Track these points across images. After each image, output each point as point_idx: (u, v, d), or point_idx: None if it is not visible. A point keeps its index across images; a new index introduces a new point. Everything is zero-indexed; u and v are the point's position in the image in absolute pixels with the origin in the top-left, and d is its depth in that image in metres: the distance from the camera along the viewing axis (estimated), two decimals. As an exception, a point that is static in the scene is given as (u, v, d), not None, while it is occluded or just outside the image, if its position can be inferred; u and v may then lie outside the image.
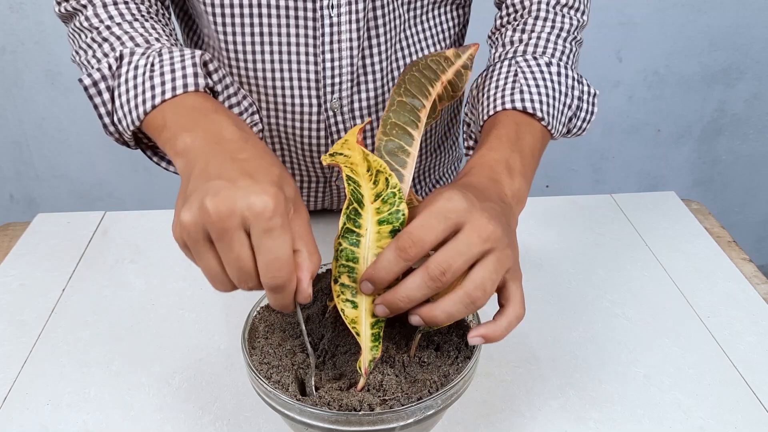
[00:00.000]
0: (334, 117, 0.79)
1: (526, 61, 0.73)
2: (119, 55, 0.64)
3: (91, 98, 0.64)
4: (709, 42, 1.89)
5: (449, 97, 0.64)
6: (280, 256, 0.48)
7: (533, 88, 0.69)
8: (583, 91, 0.75)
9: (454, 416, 0.64)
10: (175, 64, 0.61)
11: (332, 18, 0.73)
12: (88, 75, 0.63)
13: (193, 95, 0.60)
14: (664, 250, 0.88)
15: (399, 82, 0.61)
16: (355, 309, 0.52)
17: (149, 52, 0.63)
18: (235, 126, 0.56)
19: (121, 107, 0.62)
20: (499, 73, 0.72)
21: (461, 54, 0.65)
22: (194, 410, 0.65)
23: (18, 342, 0.74)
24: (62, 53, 1.75)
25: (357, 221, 0.52)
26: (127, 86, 0.62)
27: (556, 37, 0.75)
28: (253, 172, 0.50)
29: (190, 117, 0.57)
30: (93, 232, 0.93)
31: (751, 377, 0.69)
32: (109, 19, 0.67)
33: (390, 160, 0.58)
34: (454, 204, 0.50)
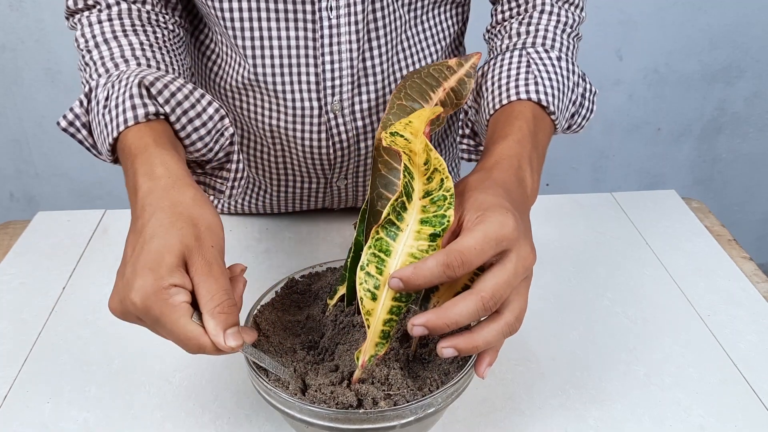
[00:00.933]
0: (335, 119, 0.79)
1: (538, 53, 0.73)
2: (89, 89, 0.67)
3: (72, 136, 0.68)
4: (710, 40, 1.89)
5: (453, 105, 0.64)
6: (177, 337, 0.50)
7: (546, 81, 0.69)
8: (586, 89, 0.75)
9: (454, 414, 0.64)
10: (119, 97, 0.62)
11: (331, 20, 0.73)
12: (63, 117, 0.67)
13: (132, 131, 0.61)
14: (664, 248, 0.88)
15: (399, 88, 0.61)
16: (373, 301, 0.51)
17: (107, 82, 0.65)
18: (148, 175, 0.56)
19: (97, 141, 0.66)
20: (510, 62, 0.72)
21: (464, 63, 0.65)
22: (194, 408, 0.65)
23: (18, 340, 0.74)
24: (62, 51, 1.75)
25: (401, 215, 0.51)
26: (95, 122, 0.65)
27: (561, 32, 0.76)
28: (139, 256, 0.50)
29: (126, 161, 0.60)
30: (93, 231, 0.93)
31: (751, 376, 0.69)
32: (91, 39, 0.70)
33: (389, 159, 0.58)
34: (507, 231, 0.49)
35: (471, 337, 0.50)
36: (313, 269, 0.68)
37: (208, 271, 0.51)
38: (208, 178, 0.72)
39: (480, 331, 0.50)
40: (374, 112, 0.80)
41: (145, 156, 0.58)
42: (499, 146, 0.62)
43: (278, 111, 0.79)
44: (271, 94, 0.78)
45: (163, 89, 0.63)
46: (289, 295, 0.65)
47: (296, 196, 0.92)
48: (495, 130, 0.66)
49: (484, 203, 0.51)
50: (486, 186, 0.54)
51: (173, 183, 0.56)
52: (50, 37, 1.74)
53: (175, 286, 0.49)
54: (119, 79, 0.64)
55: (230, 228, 0.93)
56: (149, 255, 0.50)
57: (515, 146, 0.61)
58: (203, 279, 0.50)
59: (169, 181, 0.56)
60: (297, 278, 0.67)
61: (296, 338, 0.60)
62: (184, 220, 0.53)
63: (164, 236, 0.51)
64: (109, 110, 0.62)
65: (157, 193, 0.55)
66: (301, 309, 0.64)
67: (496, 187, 0.54)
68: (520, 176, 0.59)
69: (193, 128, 0.65)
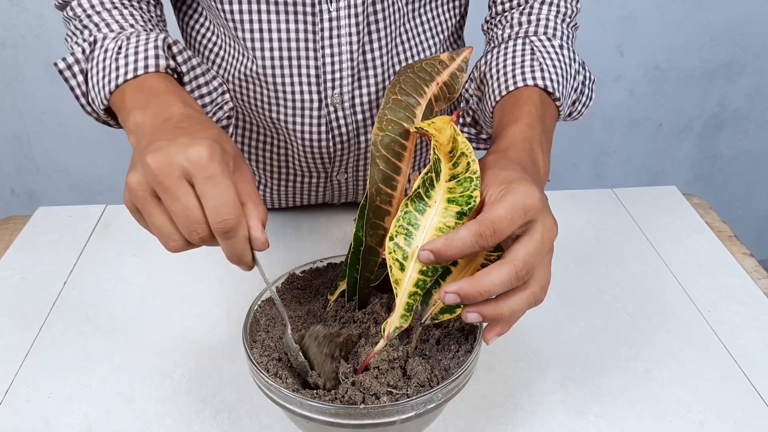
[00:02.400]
0: (335, 112, 0.79)
1: (541, 41, 0.74)
2: (93, 40, 0.68)
3: (66, 81, 0.68)
4: (710, 37, 1.89)
5: (446, 99, 0.64)
6: (226, 199, 0.49)
7: (551, 68, 0.70)
8: (586, 77, 0.76)
9: (454, 410, 0.64)
10: (140, 46, 0.65)
11: (331, 13, 0.73)
12: (63, 59, 0.67)
13: (153, 76, 0.63)
14: (665, 244, 0.88)
15: (394, 83, 0.61)
16: (401, 271, 0.51)
17: (120, 36, 0.67)
18: (183, 104, 0.59)
19: (93, 87, 0.66)
20: (514, 50, 0.73)
21: (456, 57, 0.66)
22: (195, 403, 0.65)
23: (19, 335, 0.74)
24: (62, 47, 1.75)
25: (429, 191, 0.52)
26: (98, 68, 0.66)
27: (561, 21, 0.77)
28: (191, 132, 0.53)
29: (145, 97, 0.60)
30: (94, 226, 0.93)
31: (751, 372, 0.69)
32: (90, 8, 0.72)
33: (386, 153, 0.58)
34: (533, 201, 0.49)
35: (497, 304, 0.49)
36: (313, 265, 0.68)
37: (253, 182, 0.54)
38: None
39: (507, 300, 0.50)
40: (374, 106, 0.80)
41: (180, 94, 0.61)
42: (511, 129, 0.62)
43: (278, 104, 0.79)
44: (271, 87, 0.78)
45: (182, 50, 0.67)
46: (289, 290, 0.65)
47: (296, 191, 0.92)
48: (504, 114, 0.67)
49: (507, 178, 0.51)
50: (504, 164, 0.54)
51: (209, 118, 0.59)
52: (50, 33, 1.73)
53: None
54: (135, 35, 0.67)
55: (231, 224, 0.93)
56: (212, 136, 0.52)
57: (527, 129, 0.62)
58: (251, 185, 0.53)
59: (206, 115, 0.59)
60: (297, 274, 0.67)
61: (296, 334, 0.60)
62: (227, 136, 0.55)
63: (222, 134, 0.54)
64: (126, 56, 0.64)
65: (201, 114, 0.58)
66: (302, 304, 0.64)
67: (514, 164, 0.55)
68: (533, 158, 0.59)
69: (199, 94, 0.69)
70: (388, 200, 0.58)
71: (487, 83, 0.73)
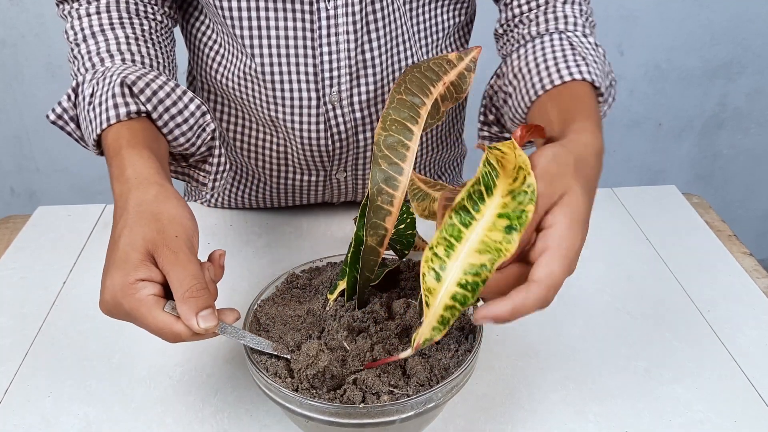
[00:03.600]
0: (333, 110, 0.79)
1: (578, 36, 0.72)
2: (76, 84, 0.69)
3: (61, 129, 0.70)
4: (711, 36, 1.89)
5: (453, 99, 0.64)
6: (151, 328, 0.52)
7: (593, 64, 0.68)
8: (613, 78, 0.75)
9: (454, 409, 0.64)
10: (103, 95, 0.65)
11: (329, 11, 0.73)
12: (52, 110, 0.69)
13: (112, 130, 0.63)
14: (664, 243, 0.88)
15: (399, 82, 0.61)
16: (437, 282, 0.49)
17: (93, 79, 0.67)
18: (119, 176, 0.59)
19: (85, 134, 0.68)
20: (552, 43, 0.71)
21: (464, 57, 0.65)
22: (195, 402, 0.65)
23: (19, 335, 0.74)
24: (63, 47, 1.74)
25: (477, 205, 0.50)
26: (82, 117, 0.67)
27: (585, 20, 0.76)
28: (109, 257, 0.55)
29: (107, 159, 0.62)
30: (93, 225, 0.93)
31: (750, 371, 0.69)
32: (80, 32, 0.72)
33: (389, 153, 0.58)
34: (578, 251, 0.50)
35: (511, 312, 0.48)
36: (313, 264, 0.68)
37: (175, 259, 0.52)
38: (192, 170, 0.75)
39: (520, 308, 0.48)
40: (373, 104, 0.80)
41: (118, 159, 0.61)
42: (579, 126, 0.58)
43: (276, 102, 0.79)
44: (269, 85, 0.78)
45: (144, 88, 0.65)
46: (289, 289, 0.65)
47: (296, 189, 0.92)
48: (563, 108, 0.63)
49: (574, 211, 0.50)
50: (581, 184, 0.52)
51: (138, 184, 0.58)
52: (50, 33, 1.73)
53: (142, 280, 0.52)
54: (104, 76, 0.66)
55: (230, 223, 0.93)
56: (116, 254, 0.53)
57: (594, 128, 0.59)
58: (171, 268, 0.52)
59: (134, 183, 0.58)
60: (297, 273, 0.67)
61: (296, 333, 0.60)
62: (146, 217, 0.55)
63: (129, 235, 0.54)
64: (94, 107, 0.65)
65: (124, 195, 0.58)
66: (302, 304, 0.64)
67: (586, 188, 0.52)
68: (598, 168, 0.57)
69: (175, 124, 0.67)
70: (390, 200, 0.58)
71: (524, 78, 0.70)
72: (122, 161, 0.60)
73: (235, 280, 0.81)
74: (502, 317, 0.47)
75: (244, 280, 0.81)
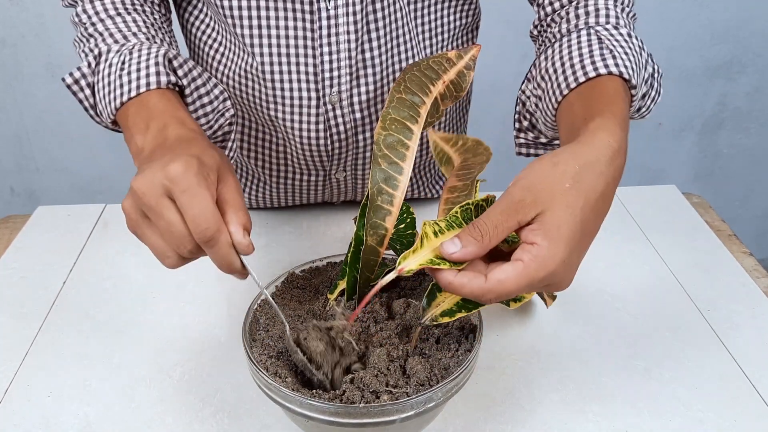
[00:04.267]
0: (332, 110, 0.79)
1: (607, 29, 0.69)
2: (98, 53, 0.69)
3: (74, 94, 0.70)
4: (711, 35, 1.88)
5: (452, 97, 0.64)
6: (202, 209, 0.50)
7: (623, 55, 0.64)
8: (655, 69, 0.71)
9: (454, 409, 0.64)
10: (141, 62, 0.65)
11: (329, 11, 0.73)
12: (70, 74, 0.69)
13: (154, 93, 0.64)
14: (664, 243, 0.88)
15: (399, 81, 0.61)
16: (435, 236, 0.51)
17: (123, 49, 0.68)
18: (179, 124, 0.60)
19: (100, 102, 0.68)
20: (579, 40, 0.67)
21: (463, 55, 0.65)
22: (195, 402, 0.65)
23: (19, 335, 0.74)
24: (62, 46, 1.75)
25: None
26: (103, 83, 0.67)
27: (621, 11, 0.72)
28: (174, 149, 0.55)
29: (145, 118, 0.62)
30: (93, 225, 0.93)
31: (750, 370, 0.69)
32: (95, 15, 0.72)
33: (389, 153, 0.58)
34: (550, 279, 0.48)
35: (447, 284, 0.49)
36: (313, 264, 0.68)
37: (237, 187, 0.55)
38: None
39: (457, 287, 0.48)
40: (372, 104, 0.80)
41: (176, 114, 0.62)
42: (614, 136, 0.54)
43: (276, 102, 0.79)
44: (269, 84, 0.78)
45: (183, 63, 0.68)
46: (289, 289, 0.65)
47: (296, 189, 0.92)
48: (585, 106, 0.61)
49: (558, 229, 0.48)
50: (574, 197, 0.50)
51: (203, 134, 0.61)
52: (50, 32, 1.73)
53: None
54: (137, 48, 0.68)
55: (231, 223, 0.93)
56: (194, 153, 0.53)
57: (614, 125, 0.55)
58: (233, 194, 0.54)
59: (204, 133, 0.61)
60: (297, 273, 0.67)
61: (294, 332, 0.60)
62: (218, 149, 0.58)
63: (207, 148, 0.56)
64: (128, 72, 0.65)
65: (194, 134, 0.59)
66: (302, 303, 0.64)
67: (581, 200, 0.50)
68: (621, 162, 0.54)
69: (201, 104, 0.70)
70: (390, 200, 0.58)
71: (551, 78, 0.67)
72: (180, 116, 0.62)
73: (234, 279, 0.81)
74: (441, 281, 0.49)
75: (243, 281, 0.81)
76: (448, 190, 0.63)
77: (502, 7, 1.34)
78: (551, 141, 0.75)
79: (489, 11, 0.92)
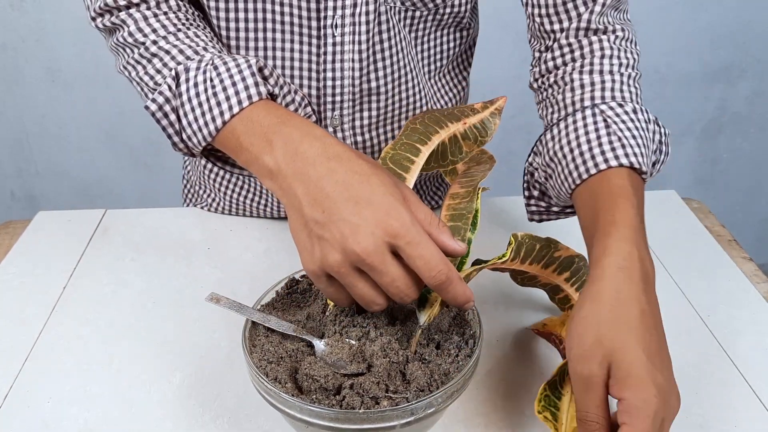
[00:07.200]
0: (334, 133, 0.79)
1: (612, 108, 0.68)
2: (175, 74, 0.64)
3: (158, 121, 0.65)
4: (710, 40, 1.89)
5: (477, 141, 0.64)
6: (432, 255, 0.51)
7: (632, 140, 0.64)
8: (662, 134, 0.70)
9: (454, 414, 0.64)
10: (234, 76, 0.62)
11: (335, 37, 0.74)
12: (153, 100, 0.64)
13: (259, 106, 0.60)
14: (664, 248, 0.88)
15: (416, 117, 0.63)
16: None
17: (203, 66, 0.64)
18: (308, 136, 0.57)
19: (189, 126, 0.63)
20: (585, 123, 0.67)
21: (489, 106, 0.67)
22: (195, 407, 0.65)
23: (19, 340, 0.74)
24: (63, 50, 1.75)
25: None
26: (191, 104, 0.63)
27: (627, 78, 0.71)
28: (367, 194, 0.52)
29: (263, 134, 0.58)
30: (94, 230, 0.93)
31: (751, 376, 0.69)
32: (153, 33, 0.67)
33: (393, 166, 0.59)
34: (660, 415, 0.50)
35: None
36: (313, 269, 0.68)
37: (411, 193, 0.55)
38: None
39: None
40: (374, 128, 0.81)
41: (295, 122, 0.58)
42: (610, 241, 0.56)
43: None
44: None
45: (272, 72, 0.65)
46: (289, 294, 0.65)
47: None
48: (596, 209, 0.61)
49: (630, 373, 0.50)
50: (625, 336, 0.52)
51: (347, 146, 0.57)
52: (51, 37, 1.74)
53: None
54: (222, 62, 0.63)
55: (230, 228, 0.93)
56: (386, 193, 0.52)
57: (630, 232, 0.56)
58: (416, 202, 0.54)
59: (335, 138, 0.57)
60: (297, 278, 0.67)
61: (296, 338, 0.60)
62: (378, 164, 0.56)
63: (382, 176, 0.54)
64: (224, 89, 0.61)
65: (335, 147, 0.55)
66: (302, 308, 0.64)
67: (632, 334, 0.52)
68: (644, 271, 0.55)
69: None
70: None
71: (560, 163, 0.67)
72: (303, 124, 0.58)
73: (234, 284, 0.81)
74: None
75: (244, 285, 0.81)
76: (450, 196, 0.63)
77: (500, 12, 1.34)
78: (564, 209, 0.76)
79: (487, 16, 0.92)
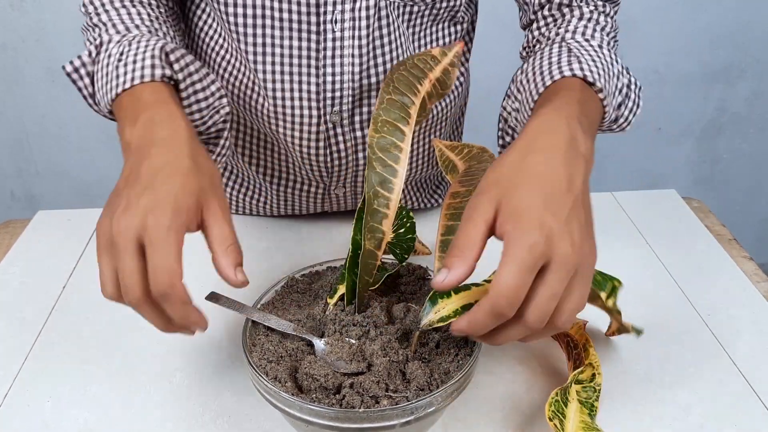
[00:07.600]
0: (333, 129, 0.79)
1: (578, 41, 0.72)
2: (99, 42, 0.70)
3: (74, 82, 0.70)
4: (710, 40, 1.89)
5: (438, 95, 0.64)
6: (162, 264, 0.50)
7: (590, 61, 0.67)
8: (631, 81, 0.73)
9: (454, 414, 0.64)
10: (138, 54, 0.66)
11: (335, 33, 0.74)
12: (70, 62, 0.70)
13: (149, 86, 0.64)
14: (664, 248, 0.88)
15: (387, 81, 0.61)
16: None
17: (123, 40, 0.68)
18: (168, 123, 0.59)
19: (98, 91, 0.68)
20: (550, 52, 0.70)
21: (447, 52, 0.66)
22: (195, 407, 0.65)
23: (18, 339, 0.74)
24: (63, 50, 1.75)
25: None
26: (101, 73, 0.68)
27: (600, 31, 0.75)
28: (159, 185, 0.53)
29: (134, 112, 0.62)
30: (93, 230, 0.93)
31: (751, 375, 0.69)
32: (101, 6, 0.73)
33: (383, 156, 0.58)
34: (539, 250, 0.48)
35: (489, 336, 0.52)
36: (313, 268, 0.68)
37: (222, 214, 0.55)
38: None
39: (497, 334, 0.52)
40: None
41: (166, 107, 0.61)
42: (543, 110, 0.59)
43: (277, 117, 0.79)
44: (271, 100, 0.78)
45: (180, 58, 0.68)
46: (289, 294, 0.65)
47: (296, 199, 0.92)
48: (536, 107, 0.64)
49: (517, 209, 0.50)
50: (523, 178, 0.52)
51: (192, 135, 0.59)
52: (51, 37, 1.74)
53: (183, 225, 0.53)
54: (137, 40, 0.68)
55: (230, 227, 0.93)
56: (171, 189, 0.53)
57: (564, 107, 0.58)
58: (215, 222, 0.54)
59: (189, 132, 0.59)
60: (297, 277, 0.67)
61: (296, 337, 0.60)
62: (203, 167, 0.57)
63: (187, 176, 0.55)
64: (125, 64, 0.65)
65: (178, 139, 0.58)
66: (302, 308, 0.64)
67: (532, 178, 0.52)
68: (570, 135, 0.56)
69: (195, 99, 0.69)
70: (386, 203, 0.58)
71: (524, 89, 0.70)
72: (170, 110, 0.61)
73: (234, 284, 0.81)
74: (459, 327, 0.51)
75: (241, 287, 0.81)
76: (450, 195, 0.63)
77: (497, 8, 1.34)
78: None
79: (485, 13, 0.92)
